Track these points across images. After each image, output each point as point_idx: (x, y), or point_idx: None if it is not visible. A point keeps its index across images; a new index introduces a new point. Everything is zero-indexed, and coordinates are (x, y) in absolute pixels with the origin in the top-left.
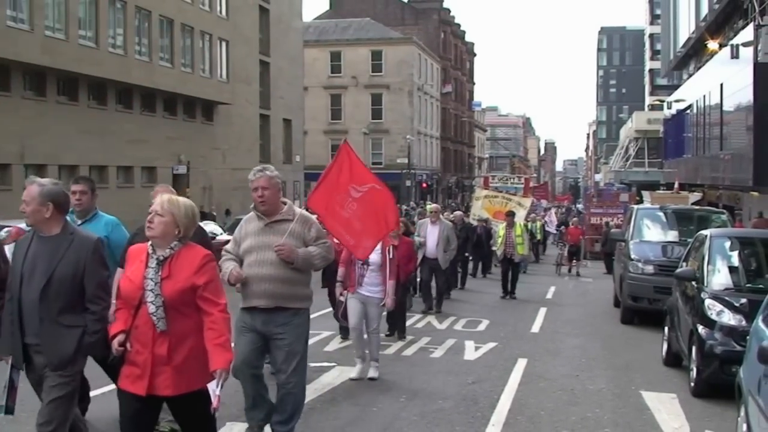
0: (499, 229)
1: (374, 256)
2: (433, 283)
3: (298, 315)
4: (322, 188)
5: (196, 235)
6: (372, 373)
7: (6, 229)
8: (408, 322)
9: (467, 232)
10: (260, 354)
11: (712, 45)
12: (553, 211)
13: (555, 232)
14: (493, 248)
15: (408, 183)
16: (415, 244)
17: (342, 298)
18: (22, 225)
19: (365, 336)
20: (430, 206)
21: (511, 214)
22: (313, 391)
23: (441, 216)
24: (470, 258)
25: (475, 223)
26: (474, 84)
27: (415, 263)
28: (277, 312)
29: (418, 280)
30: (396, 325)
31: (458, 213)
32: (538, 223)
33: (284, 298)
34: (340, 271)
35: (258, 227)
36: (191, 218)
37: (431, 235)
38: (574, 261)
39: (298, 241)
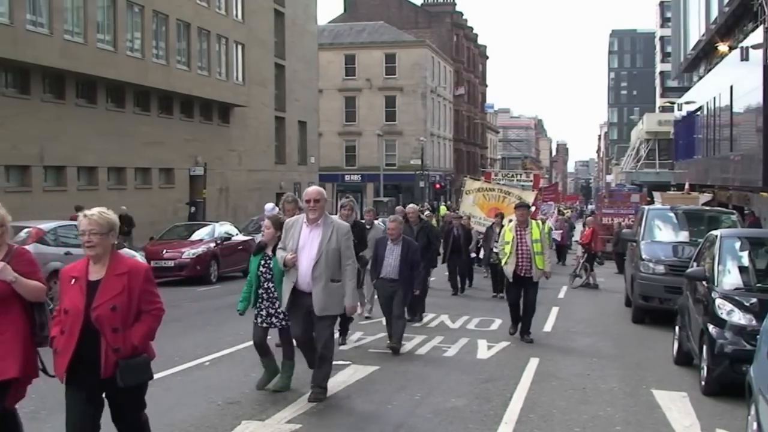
0: (505, 232)
1: None
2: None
3: None
4: None
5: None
6: None
7: (26, 230)
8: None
9: (428, 235)
10: None
11: (722, 47)
12: (555, 211)
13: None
14: (489, 259)
15: (421, 184)
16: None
17: None
18: (42, 226)
19: None
20: (345, 200)
21: (524, 207)
22: (329, 388)
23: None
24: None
25: (478, 224)
26: (486, 86)
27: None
28: None
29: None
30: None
31: (411, 206)
32: (547, 226)
33: None
34: None
35: None
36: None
37: (306, 249)
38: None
39: None
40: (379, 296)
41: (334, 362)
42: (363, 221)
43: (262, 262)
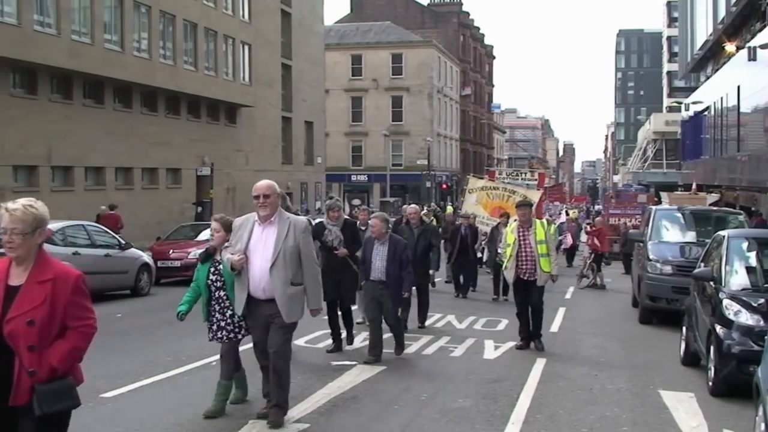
0: (507, 233)
1: None
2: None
3: None
4: None
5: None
6: None
7: None
8: (427, 322)
9: (430, 239)
10: None
11: (730, 47)
12: (563, 212)
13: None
14: (492, 258)
15: (428, 184)
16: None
17: None
18: (50, 226)
19: None
20: (330, 201)
21: (526, 206)
22: (336, 388)
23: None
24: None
25: (486, 222)
26: (493, 86)
27: None
28: None
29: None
30: None
31: (413, 207)
32: (553, 227)
33: None
34: None
35: None
36: None
37: (260, 250)
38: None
39: None
40: (365, 297)
41: (341, 362)
42: (353, 220)
43: (212, 269)
